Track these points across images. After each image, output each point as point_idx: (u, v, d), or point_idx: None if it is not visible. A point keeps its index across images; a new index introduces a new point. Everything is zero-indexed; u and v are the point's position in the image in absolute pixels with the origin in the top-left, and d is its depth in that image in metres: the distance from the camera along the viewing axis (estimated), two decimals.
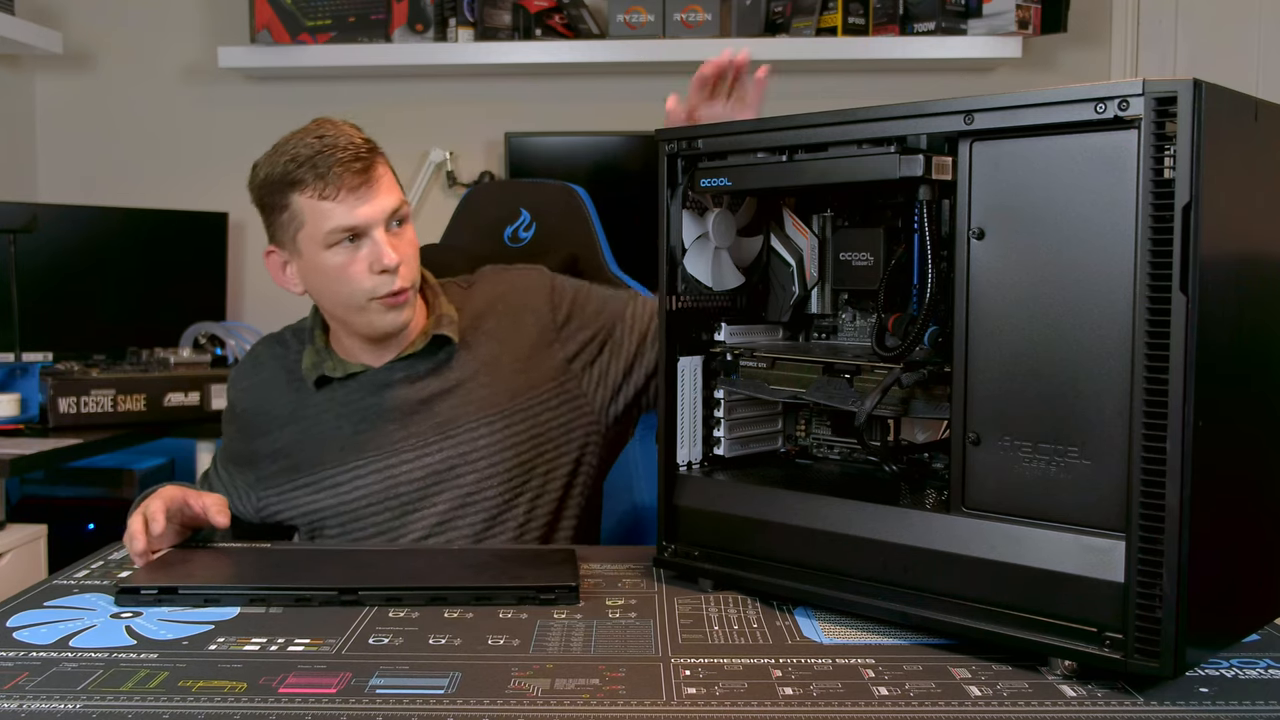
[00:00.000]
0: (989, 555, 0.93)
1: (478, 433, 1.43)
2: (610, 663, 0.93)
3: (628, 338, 1.52)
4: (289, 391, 1.49)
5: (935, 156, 0.96)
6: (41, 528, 2.16)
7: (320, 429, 1.45)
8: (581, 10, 2.98)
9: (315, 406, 1.46)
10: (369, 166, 1.35)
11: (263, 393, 1.50)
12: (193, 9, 3.17)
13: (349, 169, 1.33)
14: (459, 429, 1.43)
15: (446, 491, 1.42)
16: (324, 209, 1.34)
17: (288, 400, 1.48)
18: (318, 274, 1.39)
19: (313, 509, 1.45)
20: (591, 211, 1.88)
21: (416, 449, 1.42)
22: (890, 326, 1.09)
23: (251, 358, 1.56)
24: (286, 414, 1.47)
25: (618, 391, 1.52)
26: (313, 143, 1.34)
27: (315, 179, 1.33)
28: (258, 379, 1.52)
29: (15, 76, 3.10)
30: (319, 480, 1.44)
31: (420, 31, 2.99)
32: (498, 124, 3.11)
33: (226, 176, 3.13)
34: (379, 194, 1.36)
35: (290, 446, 1.46)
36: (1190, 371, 0.81)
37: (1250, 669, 0.92)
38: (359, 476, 1.43)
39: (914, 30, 2.93)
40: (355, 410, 1.45)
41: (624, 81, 3.12)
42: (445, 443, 1.42)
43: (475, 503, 1.42)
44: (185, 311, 2.82)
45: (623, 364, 1.51)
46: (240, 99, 3.16)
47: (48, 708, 0.84)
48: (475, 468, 1.42)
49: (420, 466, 1.42)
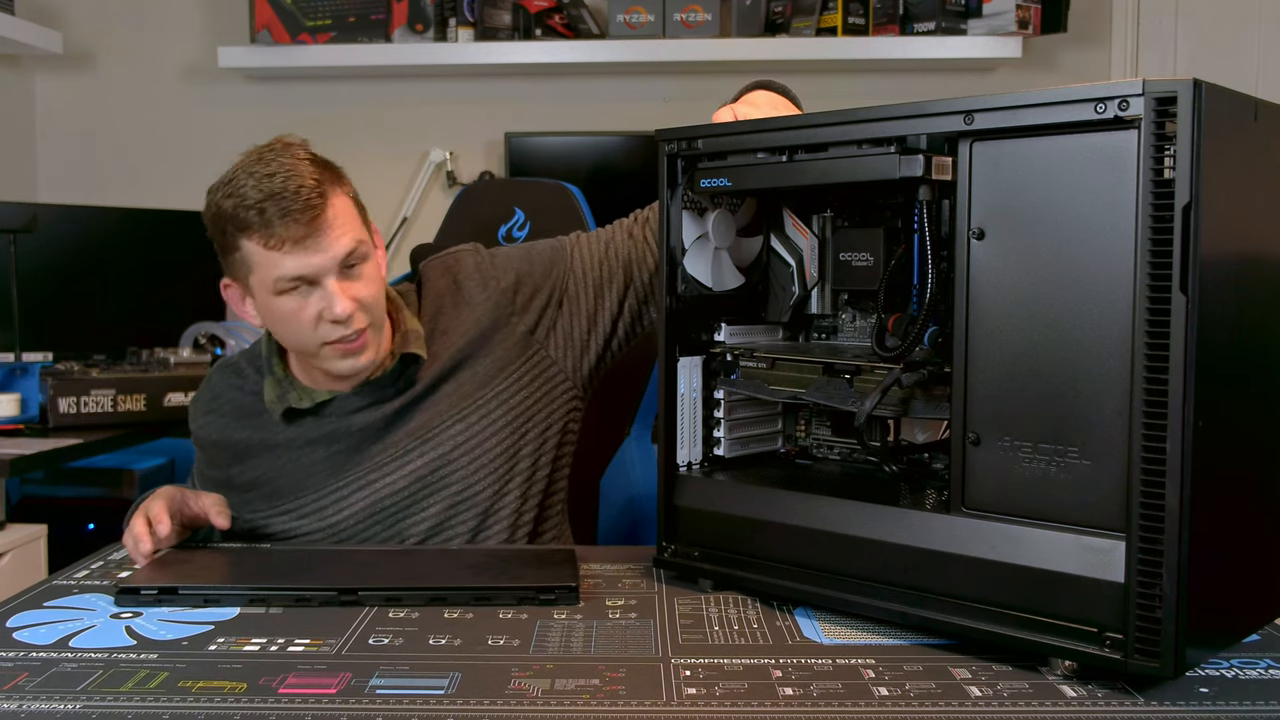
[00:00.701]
0: (989, 555, 0.93)
1: (453, 430, 1.39)
2: (610, 663, 0.93)
3: (582, 292, 1.47)
4: (254, 423, 1.43)
5: (935, 156, 0.96)
6: (41, 528, 2.16)
7: (295, 456, 1.41)
8: (581, 10, 2.98)
9: (285, 434, 1.41)
10: (318, 214, 1.27)
11: (226, 426, 1.45)
12: (193, 9, 3.17)
13: (295, 220, 1.25)
14: (434, 431, 1.39)
15: (435, 496, 1.39)
16: (271, 258, 1.27)
17: (254, 431, 1.43)
18: (271, 317, 1.34)
19: (300, 533, 1.41)
20: (585, 210, 1.88)
21: (396, 459, 1.39)
22: (890, 327, 1.09)
23: (208, 389, 1.49)
24: (257, 443, 1.42)
25: (585, 349, 1.48)
26: (263, 184, 1.26)
27: (262, 226, 1.26)
28: (218, 413, 1.46)
29: (15, 76, 3.10)
30: (302, 506, 1.40)
31: (420, 31, 2.99)
32: (498, 124, 3.11)
33: None
34: (329, 241, 1.28)
35: (267, 474, 1.41)
36: (1190, 371, 0.81)
37: (1250, 669, 0.92)
38: (342, 498, 1.39)
39: (914, 30, 2.93)
40: (328, 435, 1.40)
41: (624, 81, 3.12)
42: (424, 448, 1.39)
43: (466, 501, 1.39)
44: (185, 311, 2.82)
45: (584, 320, 1.47)
46: (240, 99, 3.16)
47: (48, 708, 0.84)
48: (459, 466, 1.39)
49: (403, 476, 1.38)
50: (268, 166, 1.28)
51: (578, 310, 1.47)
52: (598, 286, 1.47)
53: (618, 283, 1.47)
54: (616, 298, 1.47)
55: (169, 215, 2.96)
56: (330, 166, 1.34)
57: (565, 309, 1.47)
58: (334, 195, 1.30)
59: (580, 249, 1.50)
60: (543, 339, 1.46)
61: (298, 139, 1.34)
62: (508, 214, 1.92)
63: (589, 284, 1.48)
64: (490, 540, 1.41)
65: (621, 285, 1.47)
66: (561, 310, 1.47)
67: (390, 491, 1.39)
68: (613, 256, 1.48)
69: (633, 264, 1.47)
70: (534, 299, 1.46)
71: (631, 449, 1.86)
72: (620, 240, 1.49)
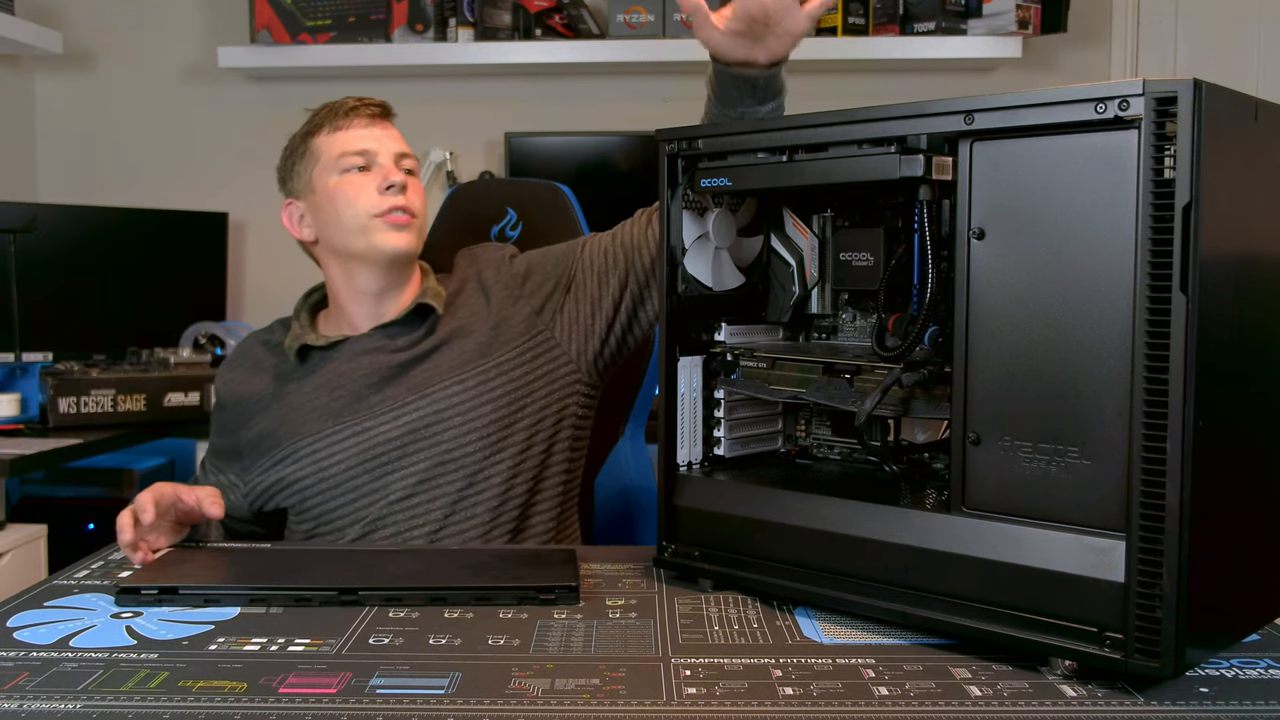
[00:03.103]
0: (989, 555, 0.93)
1: (449, 390, 1.45)
2: (610, 663, 0.93)
3: (588, 278, 1.53)
4: (271, 376, 1.53)
5: (935, 156, 0.96)
6: (41, 528, 2.16)
7: (299, 402, 1.48)
8: (581, 10, 2.98)
9: (295, 383, 1.50)
10: (382, 115, 1.53)
11: (245, 381, 1.54)
12: (193, 9, 3.17)
13: (364, 111, 1.51)
14: (432, 389, 1.45)
15: (424, 450, 1.43)
16: (338, 138, 1.49)
17: (269, 383, 1.52)
18: (328, 203, 1.49)
19: (294, 480, 1.46)
20: (577, 209, 1.89)
21: (393, 409, 1.45)
22: (890, 326, 1.09)
23: (238, 350, 1.62)
24: (268, 396, 1.51)
25: (589, 333, 1.53)
26: (338, 102, 1.52)
27: (332, 119, 1.50)
28: (242, 368, 1.56)
29: (15, 76, 3.10)
30: (297, 450, 1.46)
31: (420, 31, 2.99)
32: (498, 124, 3.11)
33: (226, 176, 3.14)
34: (390, 135, 1.52)
35: (270, 426, 1.49)
36: (1190, 371, 0.81)
37: (1250, 669, 0.92)
38: (336, 442, 1.45)
39: (914, 30, 2.93)
40: (333, 378, 1.48)
41: (624, 81, 3.12)
42: (420, 402, 1.45)
43: (453, 460, 1.43)
44: (185, 311, 2.82)
45: (588, 305, 1.53)
46: (240, 99, 3.16)
47: (48, 708, 0.84)
48: (450, 424, 1.44)
49: (397, 426, 1.44)
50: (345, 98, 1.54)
51: (583, 296, 1.54)
52: (602, 273, 1.53)
53: (619, 268, 1.52)
54: (619, 282, 1.52)
55: (169, 215, 2.96)
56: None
57: (572, 294, 1.54)
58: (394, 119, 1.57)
59: (591, 243, 1.57)
60: (549, 321, 1.53)
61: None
62: (500, 213, 1.92)
63: (594, 271, 1.54)
64: (479, 505, 1.44)
65: (623, 270, 1.52)
66: (569, 296, 1.54)
67: (383, 439, 1.44)
68: (617, 245, 1.54)
69: (633, 250, 1.52)
70: (543, 285, 1.54)
71: (625, 447, 1.87)
72: (626, 232, 1.55)
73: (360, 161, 1.48)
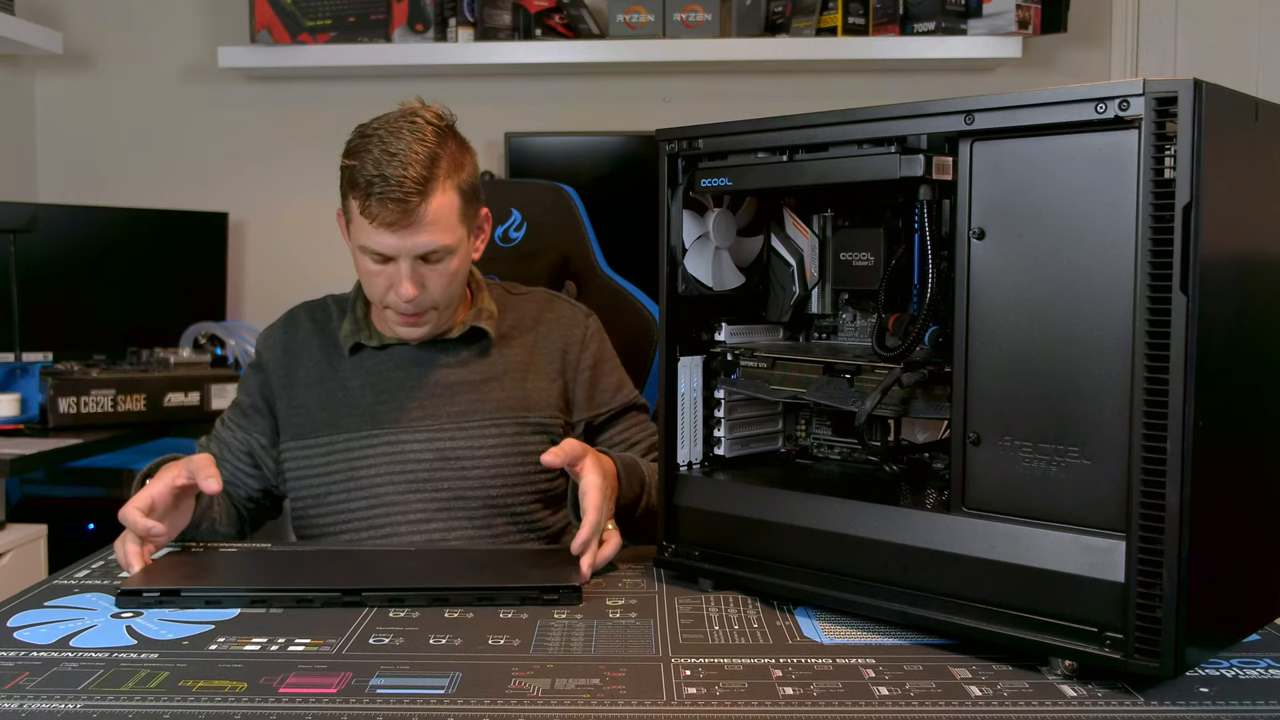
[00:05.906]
0: (989, 555, 0.93)
1: (487, 430, 1.46)
2: (610, 663, 0.93)
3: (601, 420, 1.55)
4: (320, 356, 1.52)
5: (935, 156, 0.96)
6: (41, 528, 2.16)
7: (343, 394, 1.49)
8: (581, 10, 2.98)
9: (343, 373, 1.50)
10: (411, 209, 1.35)
11: (294, 353, 1.54)
12: (193, 9, 3.17)
13: (390, 206, 1.35)
14: (471, 422, 1.46)
15: (452, 477, 1.45)
16: (363, 224, 1.38)
17: (317, 364, 1.52)
18: (355, 263, 1.45)
19: (324, 472, 1.46)
20: (581, 211, 1.89)
21: (431, 430, 1.46)
22: (890, 326, 1.09)
23: (289, 318, 1.59)
24: (314, 377, 1.51)
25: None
26: (380, 161, 1.35)
27: (364, 197, 1.36)
28: (292, 339, 1.55)
29: (15, 76, 3.10)
30: (332, 443, 1.46)
31: (420, 31, 2.98)
32: (498, 124, 3.11)
33: (226, 176, 3.14)
34: (413, 233, 1.37)
35: (311, 405, 1.49)
36: (1190, 371, 0.81)
37: (1250, 669, 0.92)
38: (372, 447, 1.45)
39: (914, 30, 2.93)
40: (380, 380, 1.49)
41: (624, 81, 3.11)
42: (458, 432, 1.46)
43: (474, 496, 1.44)
44: (185, 311, 2.82)
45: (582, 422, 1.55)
46: (240, 99, 3.15)
47: (48, 708, 0.84)
48: (480, 463, 1.45)
49: (432, 449, 1.45)
50: (395, 143, 1.37)
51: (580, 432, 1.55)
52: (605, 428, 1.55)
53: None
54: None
55: (169, 215, 2.96)
56: (453, 155, 1.43)
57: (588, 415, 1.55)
58: (438, 192, 1.38)
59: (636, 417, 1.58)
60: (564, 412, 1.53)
61: (440, 115, 1.47)
62: (504, 214, 1.92)
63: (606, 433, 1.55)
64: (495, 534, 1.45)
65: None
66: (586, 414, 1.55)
67: (415, 458, 1.45)
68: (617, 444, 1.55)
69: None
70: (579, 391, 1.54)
71: None
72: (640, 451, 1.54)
73: (378, 258, 1.40)
